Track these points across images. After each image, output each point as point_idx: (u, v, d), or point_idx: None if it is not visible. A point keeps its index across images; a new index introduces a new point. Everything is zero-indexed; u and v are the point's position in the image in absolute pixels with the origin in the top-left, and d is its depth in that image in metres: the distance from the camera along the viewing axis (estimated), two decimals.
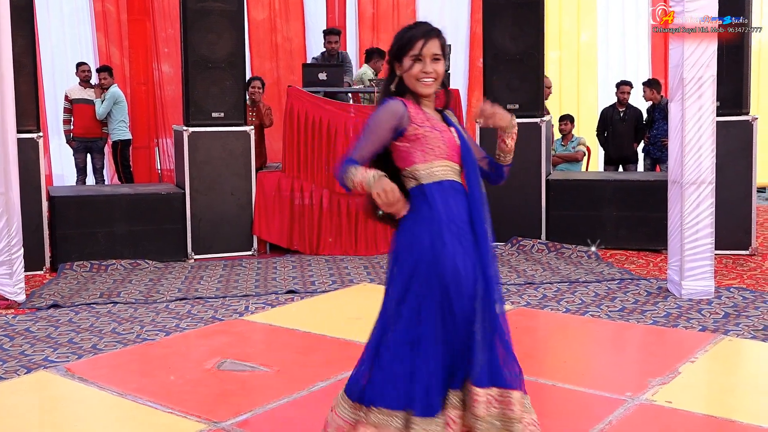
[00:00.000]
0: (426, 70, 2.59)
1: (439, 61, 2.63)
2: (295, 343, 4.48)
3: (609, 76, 11.22)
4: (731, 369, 4.13)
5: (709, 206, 5.58)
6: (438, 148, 2.58)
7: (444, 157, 2.59)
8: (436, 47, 2.63)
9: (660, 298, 5.67)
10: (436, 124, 2.61)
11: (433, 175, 2.57)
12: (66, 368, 4.05)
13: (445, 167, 2.59)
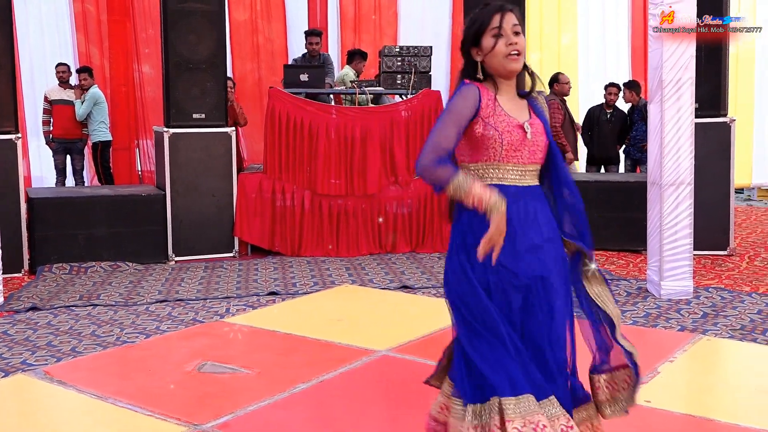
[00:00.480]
0: (511, 41, 2.38)
1: (519, 35, 2.41)
2: (277, 345, 4.47)
3: (589, 78, 11.29)
4: (710, 368, 4.16)
5: (687, 207, 5.62)
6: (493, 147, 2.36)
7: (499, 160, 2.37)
8: (515, 19, 2.41)
9: (639, 298, 5.71)
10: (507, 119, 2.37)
11: (482, 177, 2.38)
12: (45, 371, 4.02)
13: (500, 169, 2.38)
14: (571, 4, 11.81)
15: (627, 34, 11.69)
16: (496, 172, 2.38)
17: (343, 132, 7.59)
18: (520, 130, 2.38)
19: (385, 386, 3.81)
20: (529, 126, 2.39)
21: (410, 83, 8.12)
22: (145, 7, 10.34)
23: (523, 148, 2.38)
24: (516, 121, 2.39)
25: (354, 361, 4.07)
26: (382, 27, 11.68)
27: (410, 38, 11.38)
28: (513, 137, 2.37)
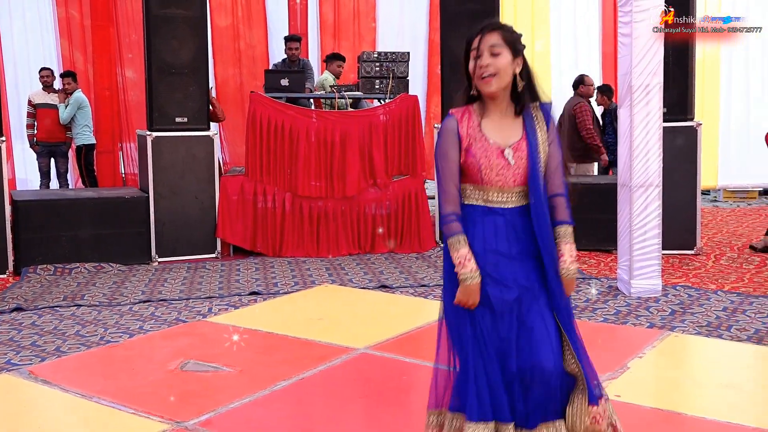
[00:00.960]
0: (480, 63, 2.37)
1: (499, 55, 2.38)
2: (258, 344, 4.46)
3: (562, 83, 11.34)
4: (677, 364, 4.20)
5: (656, 208, 5.67)
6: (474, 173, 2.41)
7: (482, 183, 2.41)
8: (495, 38, 2.40)
9: (610, 296, 5.75)
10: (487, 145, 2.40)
11: (468, 197, 2.45)
12: (29, 371, 3.98)
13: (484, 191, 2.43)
14: (543, 12, 11.88)
15: (598, 41, 11.79)
16: (481, 194, 2.43)
17: (323, 135, 7.58)
18: (501, 156, 2.40)
19: (364, 383, 3.81)
20: (511, 151, 2.41)
21: (388, 88, 8.14)
22: (128, 13, 10.27)
23: (506, 173, 2.41)
24: (498, 147, 2.41)
25: (334, 359, 4.07)
26: (361, 33, 11.69)
27: (388, 44, 11.40)
28: (493, 163, 2.40)
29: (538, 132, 2.45)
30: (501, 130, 2.44)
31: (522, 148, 2.42)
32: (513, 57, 2.42)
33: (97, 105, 10.20)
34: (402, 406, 3.47)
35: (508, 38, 2.42)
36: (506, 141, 2.42)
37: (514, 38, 2.44)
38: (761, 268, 6.74)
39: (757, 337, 4.64)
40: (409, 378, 3.79)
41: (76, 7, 10.29)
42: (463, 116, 2.45)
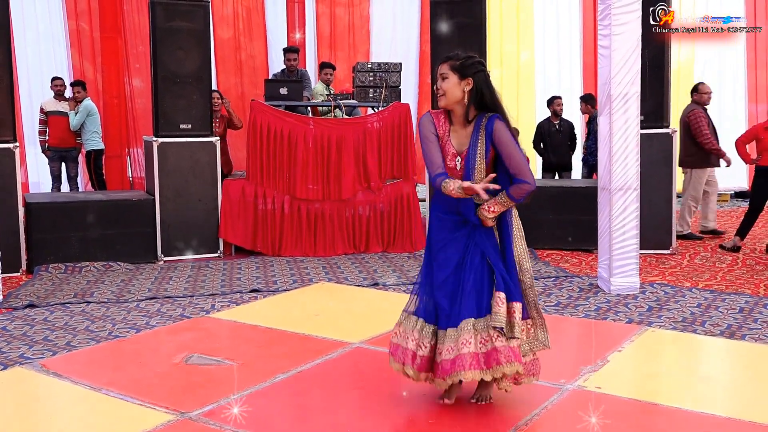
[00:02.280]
0: (436, 87, 3.10)
1: (446, 79, 3.05)
2: (259, 338, 4.45)
3: (546, 92, 11.36)
4: (654, 357, 4.21)
5: (634, 210, 5.68)
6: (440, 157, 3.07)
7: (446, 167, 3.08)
8: (444, 68, 3.07)
9: (591, 293, 5.76)
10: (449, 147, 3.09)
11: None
12: (41, 364, 3.96)
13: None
14: (528, 25, 11.90)
15: (579, 52, 11.82)
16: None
17: (319, 141, 7.58)
18: (454, 159, 3.09)
19: (358, 375, 3.81)
20: (460, 159, 3.08)
21: (381, 97, 8.14)
22: (135, 25, 10.25)
23: (454, 173, 3.09)
24: (454, 150, 3.10)
25: (330, 353, 4.07)
26: (356, 45, 11.69)
27: (382, 55, 11.41)
28: (449, 163, 3.09)
29: (478, 143, 3.04)
30: (458, 138, 3.09)
31: (464, 157, 3.07)
32: (460, 79, 3.04)
33: (106, 112, 10.17)
34: (394, 397, 3.47)
35: (454, 65, 3.05)
36: (460, 148, 3.09)
37: (460, 65, 3.05)
38: (732, 266, 6.76)
39: (729, 332, 4.65)
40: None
41: (86, 19, 10.26)
42: (438, 116, 3.12)
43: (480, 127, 3.04)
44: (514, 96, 11.84)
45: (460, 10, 7.77)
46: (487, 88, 3.06)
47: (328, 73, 9.04)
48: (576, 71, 11.82)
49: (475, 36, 7.80)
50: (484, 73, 3.08)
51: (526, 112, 11.71)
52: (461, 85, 3.03)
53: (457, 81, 3.03)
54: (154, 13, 7.20)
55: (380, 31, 11.88)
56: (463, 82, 3.03)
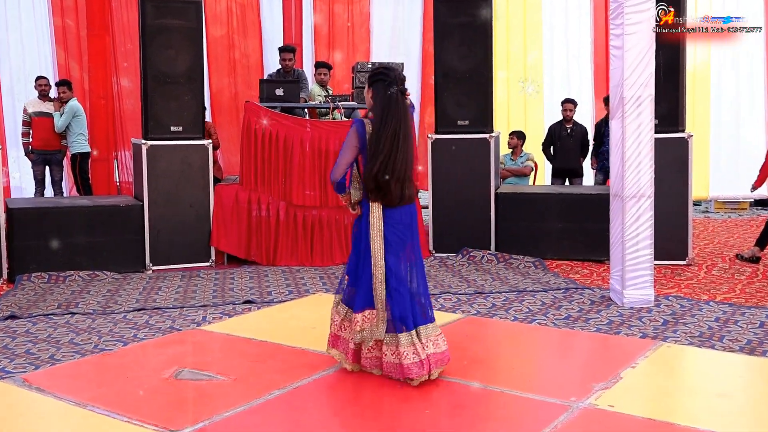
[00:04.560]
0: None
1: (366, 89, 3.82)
2: (252, 352, 4.43)
3: (554, 95, 11.38)
4: (670, 374, 4.19)
5: (648, 219, 5.68)
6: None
7: None
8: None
9: (603, 306, 5.75)
10: None
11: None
12: (23, 379, 3.95)
13: None
14: (536, 24, 11.91)
15: (590, 52, 11.82)
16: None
17: (317, 145, 7.58)
18: None
19: (357, 392, 3.80)
20: None
21: None
22: (123, 22, 10.25)
23: None
24: None
25: (327, 368, 4.05)
26: (355, 43, 11.70)
27: (382, 55, 11.42)
28: None
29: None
30: None
31: None
32: (367, 87, 3.83)
33: (93, 113, 10.15)
34: (395, 415, 3.46)
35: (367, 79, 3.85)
36: None
37: (369, 77, 3.82)
38: (752, 278, 6.75)
39: (749, 348, 4.64)
40: (403, 387, 3.77)
41: (72, 16, 10.27)
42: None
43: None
44: (521, 99, 11.86)
45: (465, 7, 7.80)
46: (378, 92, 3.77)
47: (322, 74, 9.03)
48: (586, 73, 11.82)
49: (480, 36, 7.83)
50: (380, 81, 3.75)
51: (533, 116, 11.72)
52: (368, 93, 3.81)
53: (366, 89, 3.84)
54: (143, 10, 7.22)
55: (381, 30, 11.89)
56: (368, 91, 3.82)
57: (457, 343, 4.57)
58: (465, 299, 6.03)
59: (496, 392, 3.71)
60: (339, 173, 3.79)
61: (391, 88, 3.72)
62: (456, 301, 5.99)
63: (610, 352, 4.56)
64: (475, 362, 4.20)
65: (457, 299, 6.03)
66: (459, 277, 6.88)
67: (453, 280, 6.75)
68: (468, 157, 7.81)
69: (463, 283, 6.62)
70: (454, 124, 7.90)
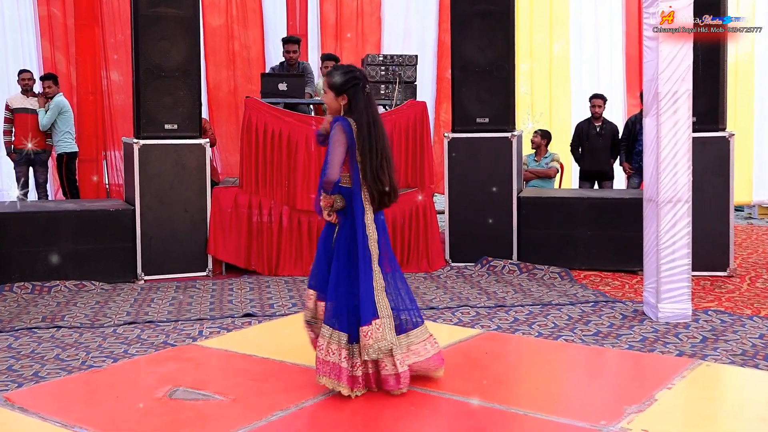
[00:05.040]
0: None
1: (326, 93, 3.90)
2: (253, 370, 4.45)
3: (582, 89, 11.38)
4: (709, 395, 4.18)
5: (685, 225, 5.67)
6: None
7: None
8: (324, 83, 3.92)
9: (636, 321, 5.74)
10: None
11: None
12: (5, 397, 3.98)
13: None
14: (563, 11, 11.92)
15: (621, 43, 11.81)
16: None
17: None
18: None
19: (367, 413, 3.80)
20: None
21: (395, 94, 8.17)
22: (114, 11, 10.33)
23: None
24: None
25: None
26: (365, 34, 11.73)
27: (394, 46, 11.45)
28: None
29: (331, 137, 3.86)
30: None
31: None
32: (335, 95, 3.86)
33: (80, 110, 10.24)
34: None
35: (330, 83, 3.86)
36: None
37: (335, 82, 3.85)
38: None
39: None
40: (417, 409, 3.78)
41: (58, 5, 10.35)
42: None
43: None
44: (546, 93, 11.86)
45: None
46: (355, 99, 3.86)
47: (328, 67, 9.05)
48: (618, 66, 11.81)
49: (502, 24, 7.85)
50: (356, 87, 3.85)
51: (559, 112, 11.73)
52: (337, 101, 3.88)
53: (333, 97, 3.87)
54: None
55: (393, 19, 11.92)
56: (339, 99, 3.87)
57: (476, 361, 4.58)
58: (485, 313, 6.04)
59: (519, 415, 3.71)
60: (336, 172, 3.81)
61: (366, 88, 3.88)
62: (475, 314, 6.00)
63: (643, 372, 4.55)
64: (496, 382, 4.20)
65: (476, 313, 6.04)
66: (478, 289, 6.89)
67: (471, 292, 6.76)
68: (488, 157, 7.81)
69: (482, 296, 6.63)
70: (472, 121, 7.92)
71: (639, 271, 6.79)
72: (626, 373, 4.60)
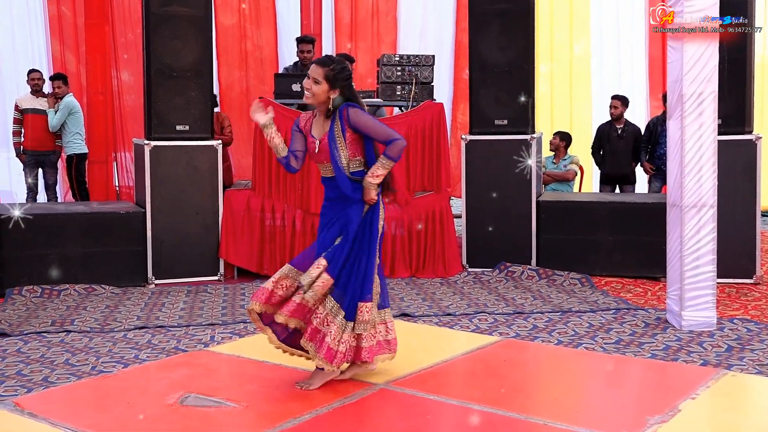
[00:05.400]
0: (304, 84, 4.01)
1: (316, 83, 4.01)
2: (265, 377, 4.46)
3: (603, 90, 11.35)
4: (735, 406, 4.17)
5: (710, 231, 5.64)
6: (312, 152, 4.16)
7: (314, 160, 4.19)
8: (319, 72, 4.02)
9: (658, 329, 5.72)
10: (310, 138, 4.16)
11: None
12: (14, 403, 4.01)
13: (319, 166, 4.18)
14: (584, 10, 11.90)
15: (644, 43, 11.78)
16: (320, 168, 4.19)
17: None
18: (313, 144, 4.13)
19: (383, 422, 3.81)
20: (318, 143, 4.11)
21: (411, 95, 8.18)
22: (125, 10, 10.38)
23: (316, 155, 4.14)
24: (312, 139, 4.14)
25: (350, 395, 4.07)
26: (381, 34, 11.76)
27: (411, 46, 11.47)
28: (311, 149, 4.15)
29: (335, 128, 4.06)
30: (318, 128, 4.15)
31: (324, 140, 4.09)
32: (330, 88, 4.03)
33: (90, 111, 10.30)
34: None
35: (329, 76, 4.02)
36: (319, 135, 4.12)
37: (334, 76, 4.02)
38: None
39: None
40: (433, 417, 3.79)
41: (68, 4, 10.42)
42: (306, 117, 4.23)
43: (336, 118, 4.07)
44: (566, 94, 11.84)
45: None
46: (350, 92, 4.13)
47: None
48: (640, 66, 11.78)
49: (521, 23, 7.83)
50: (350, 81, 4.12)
51: (579, 115, 11.70)
52: (328, 93, 4.05)
53: (327, 89, 4.03)
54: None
55: (409, 18, 11.94)
56: (331, 92, 4.05)
57: (494, 369, 4.58)
58: (503, 320, 6.03)
59: (538, 425, 3.70)
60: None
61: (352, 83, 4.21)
62: (492, 321, 5.99)
63: (666, 381, 4.54)
64: (515, 391, 4.20)
65: (494, 320, 6.03)
66: (496, 295, 6.88)
67: (489, 299, 6.75)
68: (506, 160, 7.80)
69: (500, 302, 6.62)
70: (491, 123, 7.90)
71: (662, 278, 6.77)
72: (649, 383, 4.58)
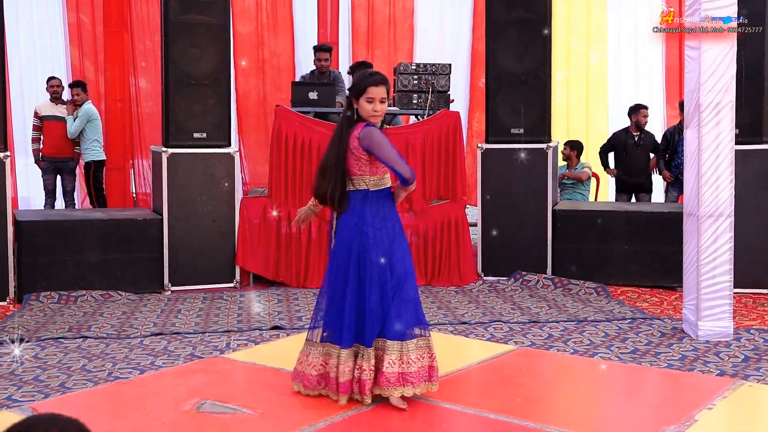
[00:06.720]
0: (376, 108, 3.99)
1: (384, 103, 4.00)
2: (281, 384, 4.47)
3: (620, 99, 11.33)
4: (752, 417, 4.14)
5: (727, 241, 5.62)
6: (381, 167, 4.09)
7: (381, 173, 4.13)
8: (383, 92, 4.00)
9: (675, 339, 5.70)
10: None
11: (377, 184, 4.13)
12: (32, 408, 4.04)
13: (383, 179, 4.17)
14: (600, 20, 11.88)
15: (661, 52, 11.75)
16: (382, 181, 4.14)
17: None
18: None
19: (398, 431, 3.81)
20: None
21: (427, 103, 8.19)
22: (143, 18, 10.44)
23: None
24: None
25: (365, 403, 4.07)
26: (397, 42, 11.78)
27: (427, 55, 11.48)
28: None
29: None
30: None
31: None
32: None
33: (108, 118, 10.36)
34: None
35: (388, 91, 4.08)
36: None
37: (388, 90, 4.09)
38: None
39: None
40: (449, 426, 3.78)
41: (87, 12, 10.49)
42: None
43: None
44: (582, 104, 11.83)
45: (521, 1, 7.81)
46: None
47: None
48: (657, 76, 11.75)
49: (538, 32, 7.83)
50: None
51: (596, 124, 11.68)
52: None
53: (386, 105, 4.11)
54: (166, 5, 7.34)
55: (426, 27, 11.97)
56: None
57: (509, 378, 4.57)
58: (518, 329, 6.02)
59: None
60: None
61: None
62: (508, 330, 5.98)
63: (682, 392, 4.52)
64: (530, 400, 4.20)
65: (509, 329, 6.02)
66: (511, 304, 6.87)
67: (504, 307, 6.74)
68: (523, 169, 7.79)
69: (515, 311, 6.61)
70: (507, 132, 7.90)
71: (678, 288, 6.74)
72: (665, 393, 4.56)
